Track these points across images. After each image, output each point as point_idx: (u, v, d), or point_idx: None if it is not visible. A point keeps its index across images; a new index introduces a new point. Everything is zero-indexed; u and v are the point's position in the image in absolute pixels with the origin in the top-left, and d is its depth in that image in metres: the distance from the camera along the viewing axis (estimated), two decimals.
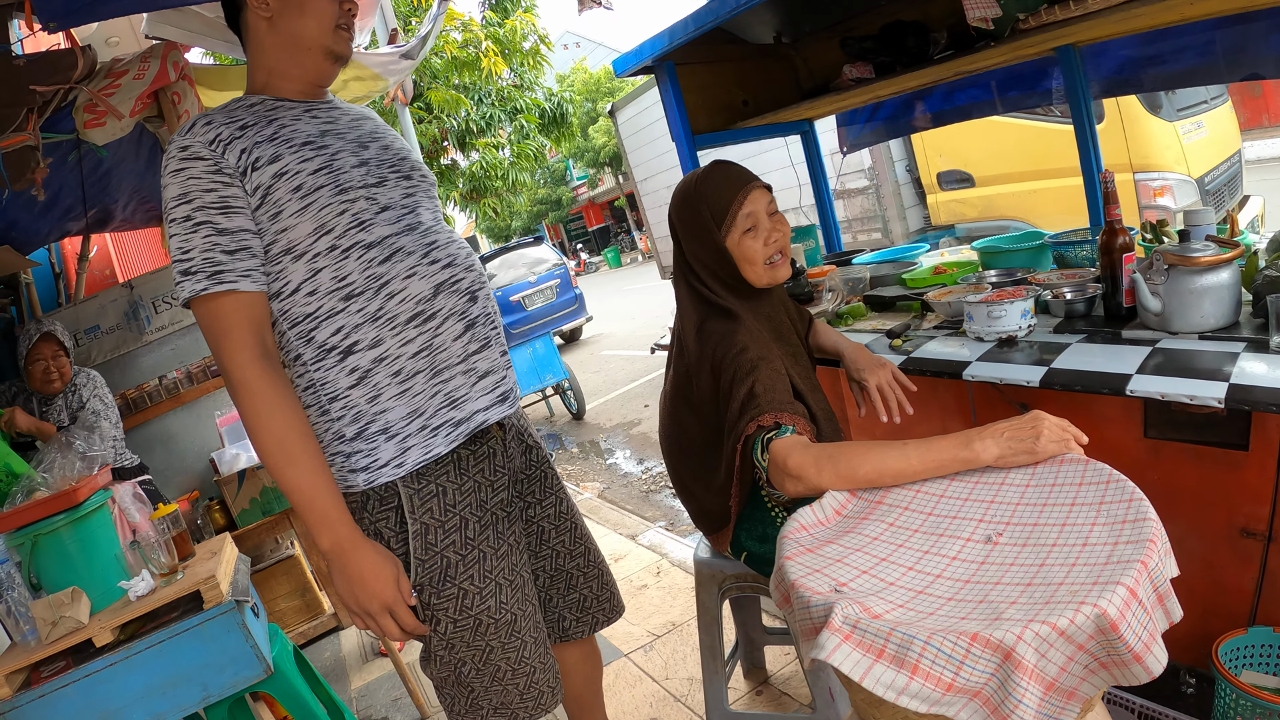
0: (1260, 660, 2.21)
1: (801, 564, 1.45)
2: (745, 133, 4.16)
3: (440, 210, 1.98)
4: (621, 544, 4.89)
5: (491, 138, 9.55)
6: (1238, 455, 2.17)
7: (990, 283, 2.97)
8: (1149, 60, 3.40)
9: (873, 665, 1.18)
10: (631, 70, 3.78)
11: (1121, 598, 1.13)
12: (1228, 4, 2.74)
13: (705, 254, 2.07)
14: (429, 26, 3.92)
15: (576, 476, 7.04)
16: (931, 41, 3.27)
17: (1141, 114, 6.25)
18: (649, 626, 3.78)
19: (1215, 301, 2.15)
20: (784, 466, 1.72)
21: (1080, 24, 2.60)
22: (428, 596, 1.79)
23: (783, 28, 4.13)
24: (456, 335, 1.81)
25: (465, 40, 8.49)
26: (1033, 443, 1.56)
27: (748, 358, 1.89)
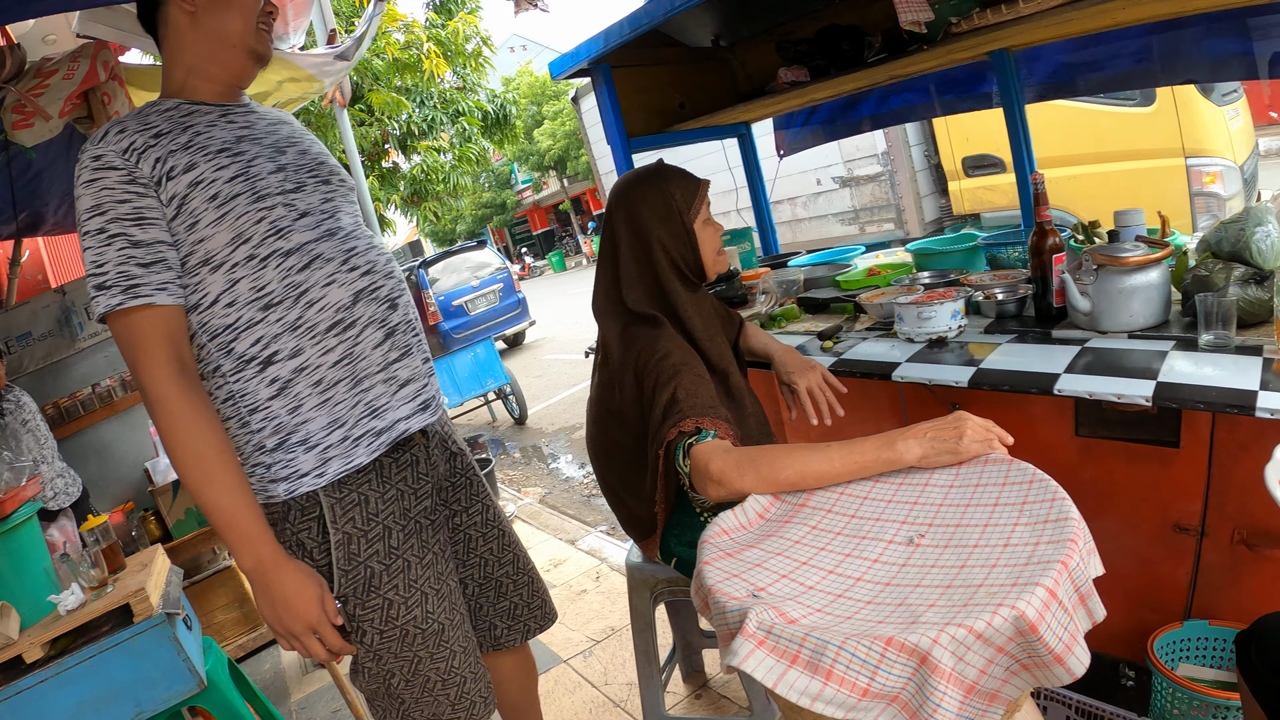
0: (1197, 653, 2.24)
1: (720, 569, 1.42)
2: (682, 135, 4.15)
3: (360, 215, 1.94)
4: (561, 549, 4.87)
5: (433, 140, 9.47)
6: (1169, 452, 2.20)
7: (923, 284, 2.99)
8: (1084, 65, 3.44)
9: (786, 671, 1.16)
10: (568, 73, 3.76)
11: (1041, 599, 1.11)
12: (1159, 10, 2.78)
13: (673, 239, 2.06)
14: (364, 27, 3.87)
15: (518, 482, 6.99)
16: (866, 45, 3.28)
17: (1195, 97, 6.12)
18: (588, 632, 3.76)
19: (1144, 301, 2.18)
20: (706, 471, 1.70)
21: (1012, 28, 2.61)
22: (352, 608, 1.75)
23: (721, 31, 4.13)
24: (377, 343, 1.78)
25: (407, 42, 8.41)
26: (956, 443, 1.56)
27: (670, 363, 1.88)
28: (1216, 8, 2.82)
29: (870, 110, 4.39)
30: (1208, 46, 3.05)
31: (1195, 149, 6.11)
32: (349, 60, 3.84)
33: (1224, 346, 1.97)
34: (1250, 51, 2.93)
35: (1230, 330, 1.97)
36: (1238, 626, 1.68)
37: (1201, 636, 2.25)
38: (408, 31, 8.46)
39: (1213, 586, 2.26)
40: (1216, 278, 2.10)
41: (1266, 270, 2.07)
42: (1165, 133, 6.20)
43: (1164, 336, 2.14)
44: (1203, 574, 2.27)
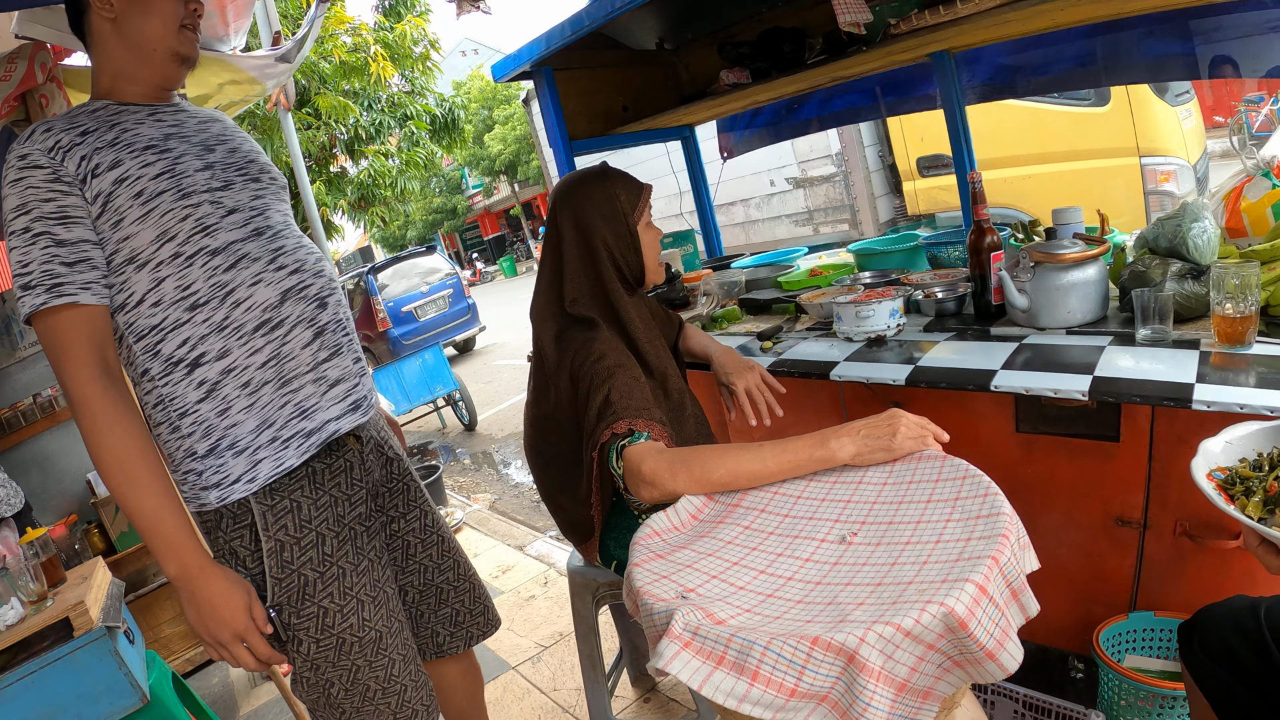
0: (1143, 644, 2.28)
1: (649, 570, 1.41)
2: (625, 138, 4.14)
3: (290, 213, 1.92)
4: (510, 555, 4.84)
5: (381, 145, 9.39)
6: (1110, 446, 2.21)
7: (864, 284, 3.00)
8: (1025, 66, 3.48)
9: (712, 673, 1.14)
10: (510, 76, 3.73)
11: (970, 595, 1.10)
12: (1097, 11, 2.81)
13: (617, 240, 2.05)
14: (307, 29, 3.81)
15: (468, 488, 6.94)
16: (807, 47, 3.29)
17: (1149, 98, 6.21)
18: (537, 638, 3.74)
19: (1082, 297, 2.20)
20: (638, 473, 1.68)
21: (951, 29, 2.63)
22: (287, 616, 1.72)
23: (665, 33, 4.12)
24: (305, 343, 1.75)
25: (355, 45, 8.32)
26: (889, 440, 1.55)
27: (604, 365, 1.86)
28: (1153, 9, 2.86)
29: (814, 112, 4.41)
30: (1147, 48, 3.09)
31: (1149, 148, 6.19)
32: (291, 63, 3.78)
33: (1161, 341, 1.99)
34: (1191, 52, 2.98)
35: (1167, 325, 1.99)
36: (1182, 617, 1.70)
37: (1147, 628, 2.28)
38: (355, 34, 8.37)
39: (1157, 578, 2.29)
40: (1153, 273, 2.12)
41: (1203, 265, 2.10)
42: (1120, 132, 6.27)
43: (1102, 332, 2.16)
44: (1146, 566, 2.29)
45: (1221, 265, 1.85)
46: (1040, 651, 2.67)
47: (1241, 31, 2.84)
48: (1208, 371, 1.78)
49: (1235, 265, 1.83)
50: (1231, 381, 1.71)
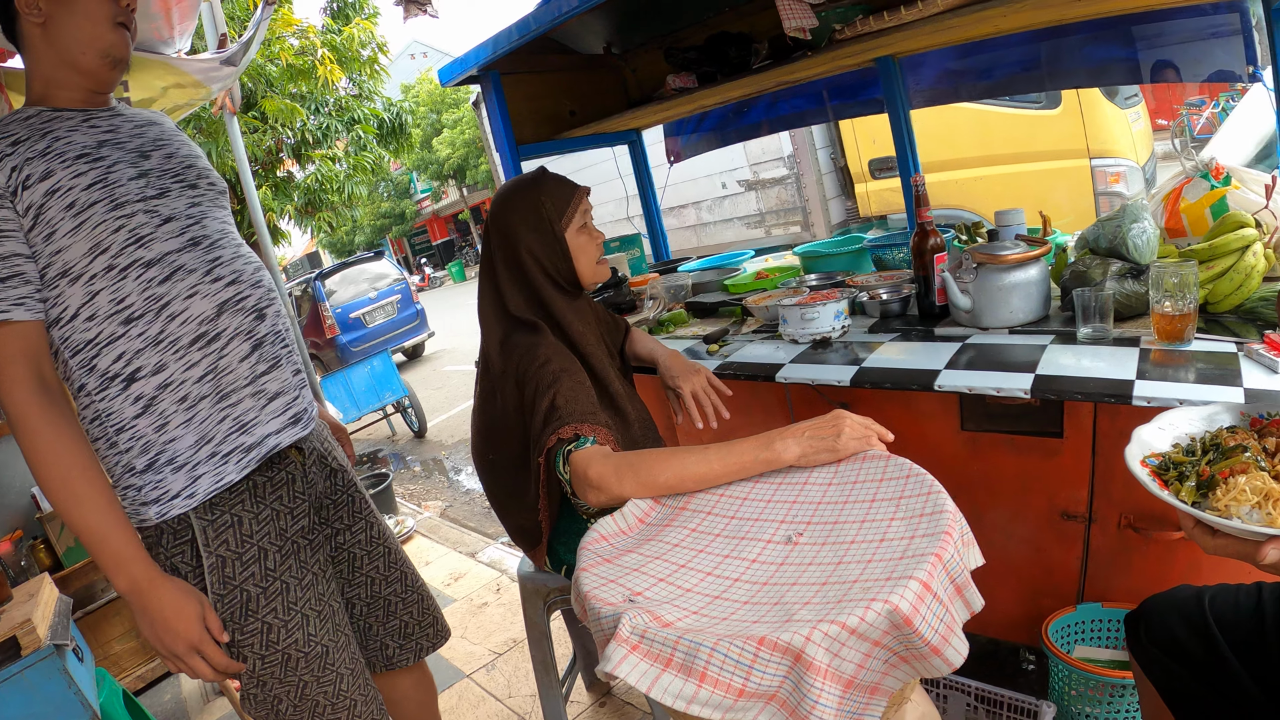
0: (1091, 635, 2.33)
1: (596, 575, 1.40)
2: (572, 143, 4.14)
3: (230, 221, 1.88)
4: (462, 562, 4.80)
5: (328, 149, 9.28)
6: (1054, 443, 2.26)
7: (810, 286, 3.02)
8: (969, 71, 3.52)
9: (660, 675, 1.14)
10: (457, 80, 3.72)
11: (914, 592, 1.11)
12: (1038, 18, 2.85)
13: (543, 247, 2.04)
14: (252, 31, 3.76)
15: (419, 496, 6.89)
16: (753, 52, 3.30)
17: (1100, 100, 6.36)
18: (491, 645, 3.72)
19: (1024, 297, 2.23)
20: (585, 477, 1.69)
21: (895, 35, 2.66)
22: (231, 633, 1.69)
23: (613, 38, 4.12)
24: (243, 356, 1.72)
25: (302, 47, 8.22)
26: (834, 440, 1.56)
27: (550, 370, 1.86)
28: (1093, 16, 2.92)
29: (761, 116, 4.43)
30: (1090, 52, 3.15)
31: (1100, 150, 6.32)
32: (236, 66, 3.73)
33: (1102, 339, 2.03)
34: (1134, 57, 3.04)
35: (1108, 323, 2.03)
36: (1129, 607, 1.74)
37: (1095, 619, 2.33)
38: (302, 37, 8.26)
39: (1103, 570, 2.33)
40: (1094, 273, 2.16)
41: (1142, 265, 2.14)
42: (1070, 135, 6.40)
43: (1044, 331, 2.20)
44: (1093, 558, 2.34)
45: (1160, 264, 1.89)
46: (992, 645, 2.70)
47: (1182, 37, 2.90)
48: (1148, 368, 1.82)
49: (1174, 264, 1.87)
50: (1171, 377, 1.75)
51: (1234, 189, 2.24)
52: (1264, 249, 2.00)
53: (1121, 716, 2.15)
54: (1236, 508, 0.97)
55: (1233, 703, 1.43)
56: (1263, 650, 1.42)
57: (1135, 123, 6.67)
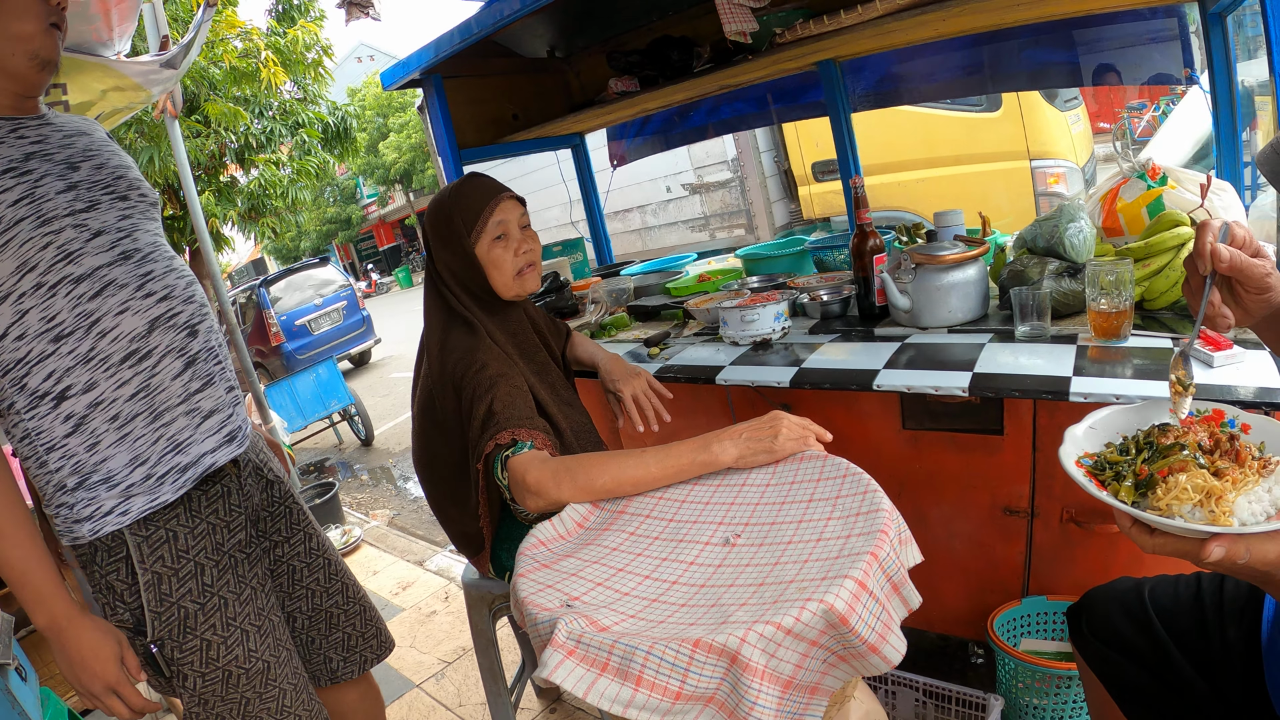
0: (1037, 628, 2.36)
1: (534, 580, 1.39)
2: (514, 146, 4.13)
3: (162, 233, 1.84)
4: (410, 571, 4.76)
5: (272, 153, 9.15)
6: (994, 440, 2.28)
7: (751, 288, 3.03)
8: (911, 74, 3.56)
9: (596, 680, 1.13)
10: (399, 83, 3.69)
11: (850, 591, 1.12)
12: (978, 22, 2.89)
13: (455, 261, 2.01)
14: (193, 34, 3.70)
15: (366, 504, 6.82)
16: (695, 56, 3.31)
17: (1040, 103, 6.46)
18: (440, 654, 3.68)
19: (962, 296, 2.25)
20: (523, 482, 1.67)
21: (836, 38, 2.68)
22: (170, 651, 1.66)
23: (556, 42, 4.11)
24: (176, 374, 1.68)
25: (245, 50, 8.09)
26: (771, 442, 1.57)
27: (487, 375, 1.84)
28: (1032, 20, 2.96)
29: (703, 119, 4.45)
30: (1031, 56, 3.20)
31: (1040, 152, 6.42)
32: (177, 69, 3.66)
33: (1039, 336, 2.05)
34: (1074, 60, 3.10)
35: (1045, 321, 2.06)
36: (1074, 600, 1.76)
37: (1041, 612, 2.37)
38: (246, 39, 8.14)
39: (1047, 564, 2.37)
40: (1031, 272, 2.19)
41: (1079, 263, 2.17)
42: (1011, 137, 6.50)
43: (982, 330, 2.23)
44: (1036, 553, 2.37)
45: (1097, 263, 1.92)
46: (940, 640, 2.73)
47: (1121, 42, 2.96)
48: (1085, 364, 1.85)
49: (1110, 262, 1.90)
50: (1108, 373, 1.78)
51: (1170, 189, 2.27)
52: None
53: (1069, 708, 2.19)
54: (1178, 507, 0.98)
55: (1175, 691, 1.45)
56: (1203, 639, 1.45)
57: (1075, 125, 6.81)
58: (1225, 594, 1.48)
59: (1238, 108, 2.54)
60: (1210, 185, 2.16)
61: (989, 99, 6.50)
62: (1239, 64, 2.52)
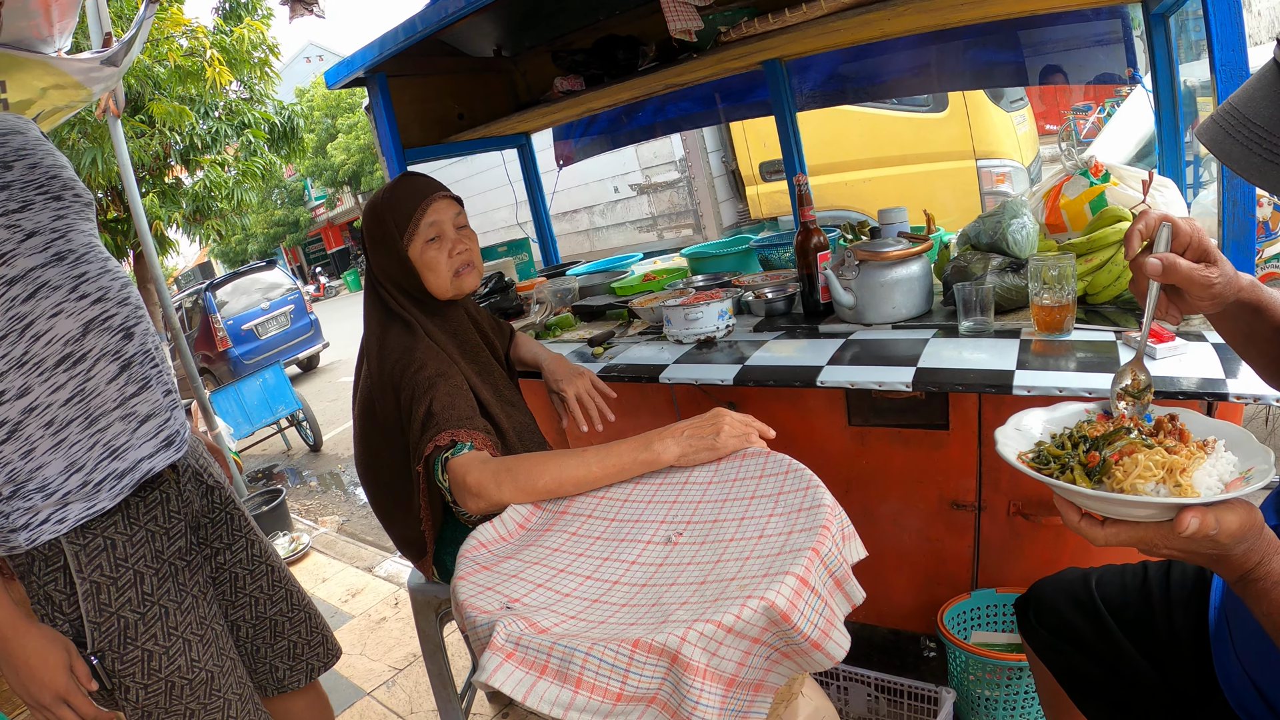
0: (987, 620, 2.39)
1: (474, 582, 1.37)
2: (460, 146, 4.10)
3: (96, 234, 1.79)
4: (359, 578, 4.71)
5: (217, 154, 9.02)
6: (940, 434, 2.31)
7: (696, 287, 3.04)
8: (857, 74, 3.58)
9: (536, 683, 1.12)
10: (344, 82, 3.64)
11: (791, 587, 1.11)
12: (923, 21, 2.92)
13: (390, 264, 1.99)
14: (135, 30, 3.63)
15: (315, 511, 6.74)
16: (641, 55, 3.30)
17: (985, 104, 6.56)
18: (390, 660, 3.64)
19: (906, 292, 2.26)
20: (463, 484, 1.65)
21: (781, 37, 2.68)
22: (111, 663, 1.61)
23: (502, 41, 4.08)
24: (111, 377, 1.64)
25: (191, 48, 7.96)
26: (713, 439, 1.56)
27: (425, 375, 1.82)
28: (977, 20, 3.00)
29: (650, 119, 4.45)
30: (976, 56, 3.23)
31: (985, 151, 6.53)
32: (118, 66, 3.59)
33: (983, 331, 2.07)
34: (1020, 61, 3.14)
35: (989, 316, 2.07)
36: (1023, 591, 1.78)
37: (990, 604, 2.39)
38: (192, 38, 8.01)
39: (995, 557, 2.39)
40: (975, 268, 2.21)
41: (1022, 259, 2.19)
42: (957, 137, 6.59)
43: (926, 325, 2.24)
44: (984, 546, 2.39)
45: (1040, 258, 1.94)
46: (892, 635, 2.74)
47: (1066, 42, 3.00)
48: (1028, 358, 1.86)
49: (1053, 257, 1.92)
50: (1052, 366, 1.79)
51: (1112, 185, 2.30)
52: None
53: (1020, 698, 2.21)
54: (1142, 485, 0.98)
55: (1125, 679, 1.47)
56: (1151, 627, 1.47)
57: (1020, 125, 6.93)
58: (1172, 582, 1.50)
59: (1180, 107, 2.58)
60: (1152, 182, 2.19)
61: (935, 99, 6.58)
62: (1181, 65, 2.56)
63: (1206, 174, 3.11)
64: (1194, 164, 2.99)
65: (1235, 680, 1.26)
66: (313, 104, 30.33)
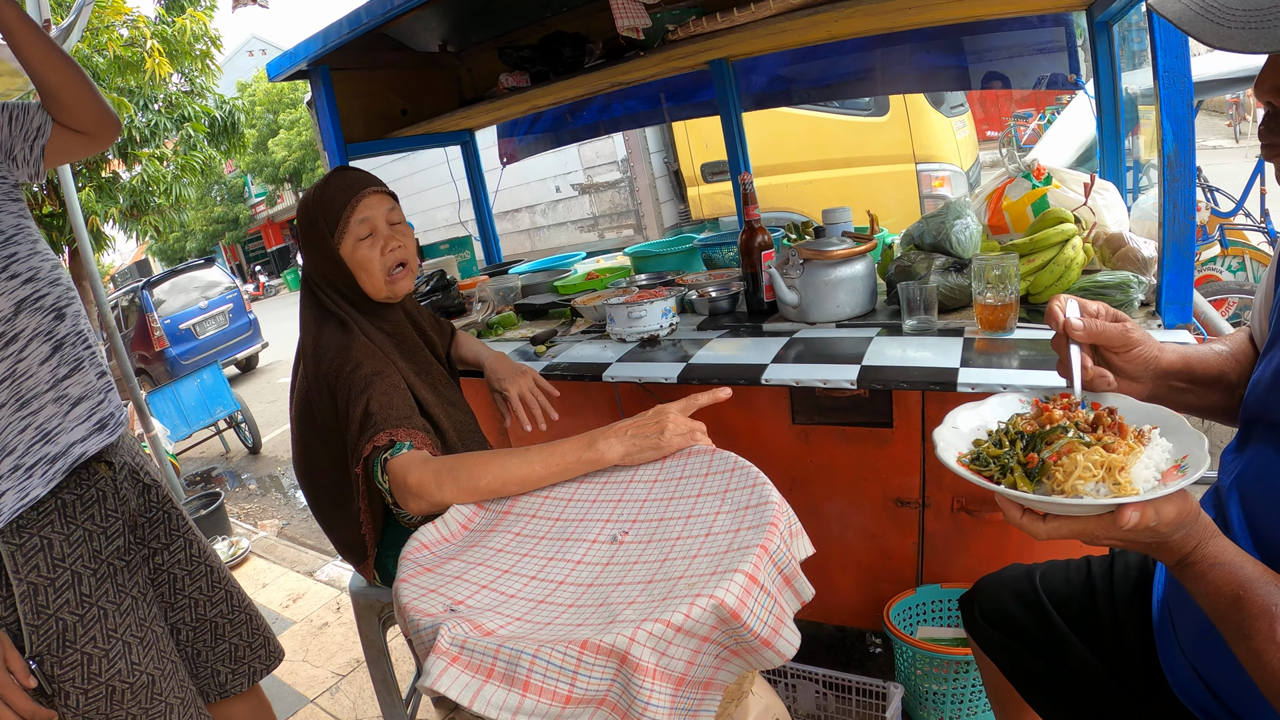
0: (933, 616, 2.42)
1: (416, 585, 1.35)
2: (403, 142, 4.06)
3: (27, 214, 1.75)
4: (300, 582, 4.64)
5: (155, 148, 8.83)
6: (884, 432, 2.33)
7: (639, 285, 3.04)
8: (803, 75, 3.60)
9: (482, 686, 1.10)
10: (285, 74, 3.57)
11: (740, 585, 1.10)
12: (871, 25, 2.95)
13: (323, 264, 1.94)
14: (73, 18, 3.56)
15: (255, 514, 6.63)
16: (588, 53, 3.28)
17: (926, 108, 6.66)
18: (333, 666, 3.59)
19: (850, 291, 2.28)
20: (404, 484, 1.62)
21: (728, 37, 2.68)
22: (50, 667, 1.57)
23: (448, 36, 4.05)
24: (43, 358, 1.61)
25: (131, 38, 7.77)
26: (658, 438, 1.55)
27: (361, 375, 1.78)
28: (924, 24, 3.04)
29: (595, 117, 4.44)
30: (920, 60, 3.27)
31: (925, 155, 6.62)
32: None
33: (927, 330, 2.10)
34: (964, 65, 3.20)
35: (932, 315, 2.10)
36: (967, 587, 1.80)
37: (936, 600, 2.43)
38: (133, 27, 7.83)
39: (940, 553, 2.42)
40: (918, 267, 2.23)
41: (966, 259, 2.22)
42: (898, 141, 6.68)
43: (870, 324, 2.26)
44: (929, 542, 2.42)
45: (983, 258, 1.97)
46: (839, 632, 2.76)
47: (1011, 48, 3.05)
48: (971, 356, 1.89)
49: (996, 257, 1.94)
50: (995, 364, 1.82)
51: (1055, 188, 2.35)
52: (1082, 243, 2.10)
53: (968, 692, 2.24)
54: (1083, 485, 0.99)
55: (1071, 672, 1.49)
56: (1096, 620, 1.49)
57: (960, 131, 7.06)
58: (1115, 576, 1.53)
59: (1121, 113, 2.64)
60: (1093, 185, 2.22)
61: (877, 103, 6.67)
62: (1123, 73, 2.61)
63: (1146, 179, 3.18)
64: (1134, 169, 3.05)
65: (1180, 671, 1.28)
66: (254, 98, 29.85)
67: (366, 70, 3.80)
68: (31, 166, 1.74)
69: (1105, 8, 2.39)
